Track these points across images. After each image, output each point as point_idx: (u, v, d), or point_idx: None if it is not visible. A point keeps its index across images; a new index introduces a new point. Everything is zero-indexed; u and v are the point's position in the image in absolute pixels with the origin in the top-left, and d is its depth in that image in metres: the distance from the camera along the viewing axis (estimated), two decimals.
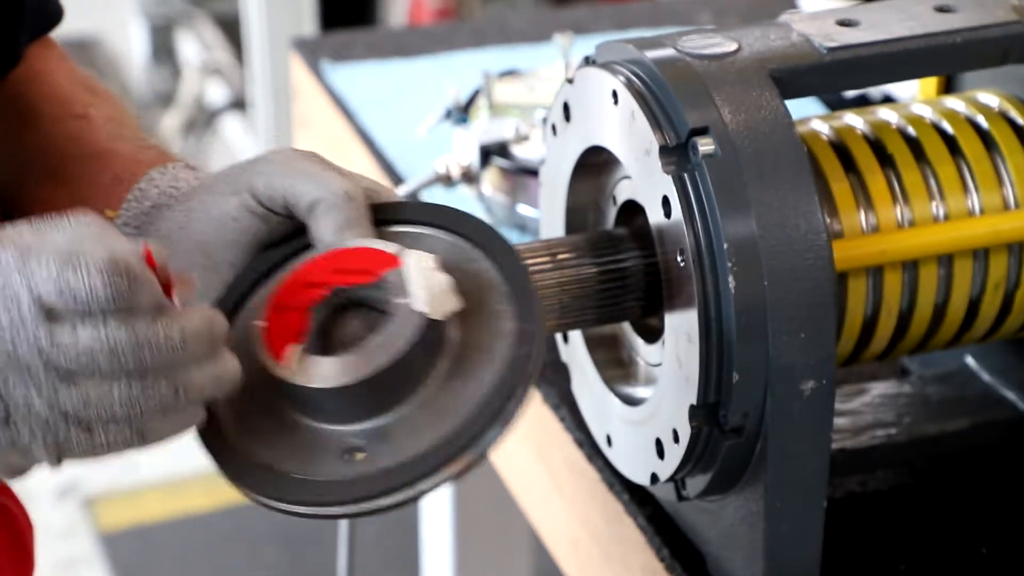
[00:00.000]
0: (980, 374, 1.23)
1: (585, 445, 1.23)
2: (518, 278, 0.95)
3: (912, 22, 1.08)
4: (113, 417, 0.87)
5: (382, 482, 0.90)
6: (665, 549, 1.14)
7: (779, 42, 1.06)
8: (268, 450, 0.93)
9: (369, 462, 0.91)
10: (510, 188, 1.48)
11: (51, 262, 0.85)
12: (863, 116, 1.12)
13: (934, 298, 1.10)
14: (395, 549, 2.87)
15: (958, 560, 1.14)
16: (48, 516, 3.01)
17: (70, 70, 1.18)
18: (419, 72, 1.81)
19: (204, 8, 4.18)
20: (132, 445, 0.89)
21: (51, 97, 1.15)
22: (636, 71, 1.05)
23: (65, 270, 0.85)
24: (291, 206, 0.98)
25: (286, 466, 0.92)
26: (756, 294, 0.99)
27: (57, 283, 0.85)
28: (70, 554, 2.95)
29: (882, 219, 1.08)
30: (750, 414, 1.01)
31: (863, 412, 1.20)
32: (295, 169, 0.98)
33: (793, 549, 1.05)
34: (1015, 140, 1.11)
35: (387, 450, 0.91)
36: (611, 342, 1.16)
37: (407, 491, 0.90)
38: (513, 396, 0.91)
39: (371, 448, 0.92)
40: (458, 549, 1.86)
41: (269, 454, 0.93)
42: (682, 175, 1.00)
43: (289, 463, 0.93)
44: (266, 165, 0.99)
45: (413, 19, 3.81)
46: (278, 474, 0.92)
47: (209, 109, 3.99)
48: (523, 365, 0.91)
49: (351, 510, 0.91)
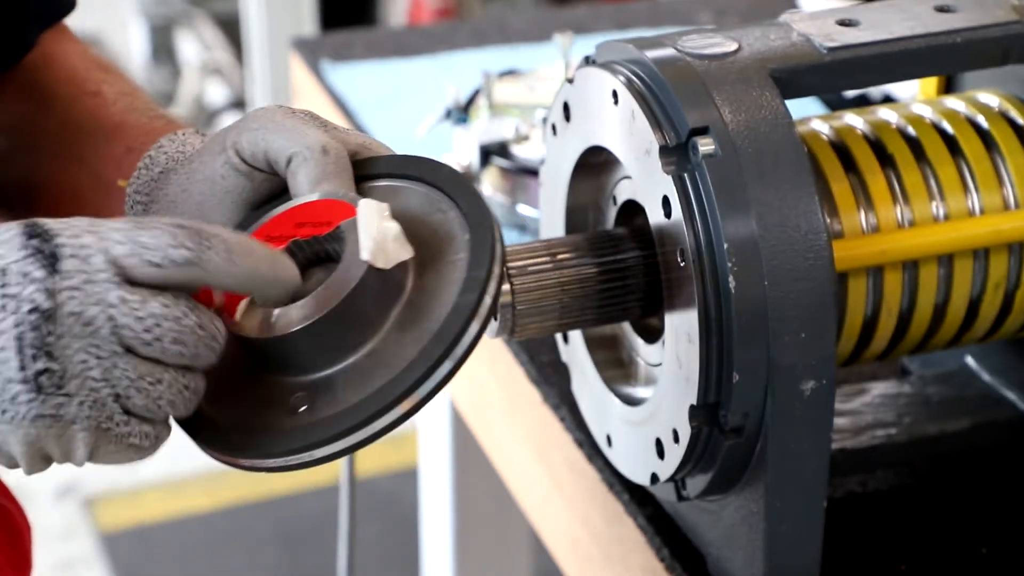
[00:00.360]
0: (980, 374, 1.23)
1: (585, 445, 1.23)
2: (480, 227, 0.93)
3: (912, 22, 1.08)
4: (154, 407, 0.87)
5: (313, 434, 0.89)
6: (665, 549, 1.14)
7: (779, 42, 1.06)
8: (229, 404, 0.93)
9: (310, 413, 0.91)
10: (510, 188, 1.48)
11: (122, 224, 0.86)
12: (863, 116, 1.12)
13: (934, 298, 1.10)
14: (395, 549, 2.87)
15: (958, 560, 1.14)
16: (48, 516, 3.01)
17: (83, 51, 1.19)
18: (419, 72, 1.81)
19: (204, 8, 4.19)
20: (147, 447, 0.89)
21: (65, 79, 1.16)
22: (636, 71, 1.05)
23: (136, 229, 0.86)
24: (272, 161, 0.97)
25: (240, 420, 0.92)
26: (756, 294, 0.99)
27: (129, 239, 0.86)
28: (70, 554, 2.95)
29: (882, 219, 1.08)
30: (750, 414, 1.01)
31: (863, 412, 1.20)
32: (276, 125, 0.97)
33: (793, 549, 1.05)
34: (1015, 140, 1.11)
35: (329, 401, 0.91)
36: (611, 342, 1.16)
37: (337, 444, 0.90)
38: (453, 343, 0.89)
39: (316, 399, 0.91)
40: (458, 549, 1.86)
41: (229, 408, 0.93)
42: (682, 175, 1.00)
43: (244, 417, 0.92)
44: (250, 122, 0.98)
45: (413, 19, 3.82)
46: (231, 428, 0.92)
47: (209, 109, 3.99)
48: (465, 313, 0.90)
49: (284, 463, 0.90)
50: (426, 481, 1.89)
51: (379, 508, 2.98)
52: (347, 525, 1.65)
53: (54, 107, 1.15)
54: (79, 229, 0.86)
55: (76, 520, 3.03)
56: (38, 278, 0.84)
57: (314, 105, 1.82)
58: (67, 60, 1.17)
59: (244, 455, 0.92)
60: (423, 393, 0.89)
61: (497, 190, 1.49)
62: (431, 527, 1.91)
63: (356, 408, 0.89)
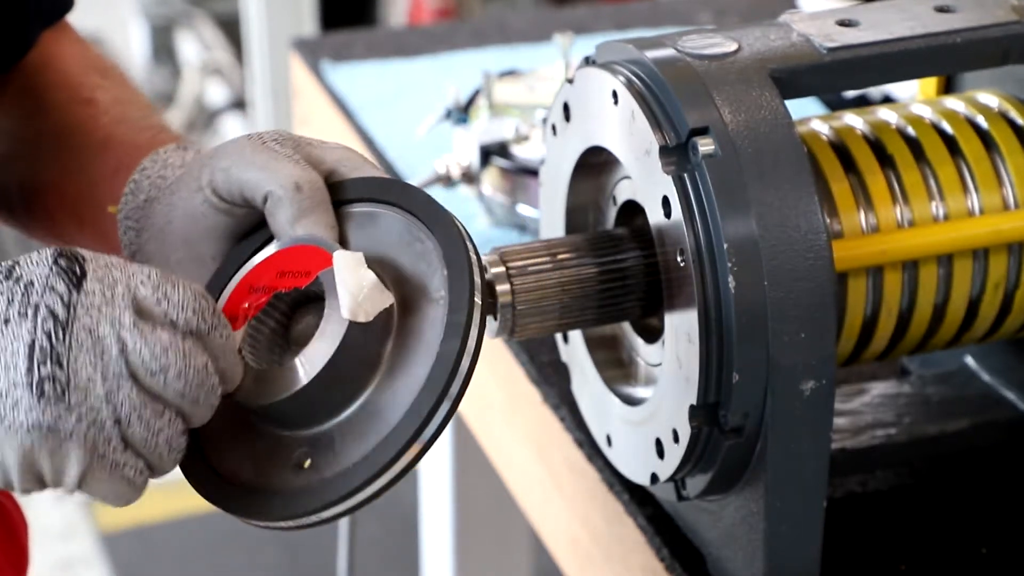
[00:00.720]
0: (980, 374, 1.23)
1: (585, 445, 1.23)
2: (456, 263, 0.93)
3: (912, 22, 1.08)
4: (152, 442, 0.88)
5: (321, 496, 0.91)
6: (665, 549, 1.14)
7: (779, 42, 1.06)
8: (232, 457, 0.94)
9: (314, 471, 0.92)
10: (510, 188, 1.48)
11: (153, 272, 0.89)
12: (863, 116, 1.12)
13: (934, 298, 1.10)
14: (395, 549, 2.87)
15: (958, 560, 1.14)
16: (48, 516, 3.01)
17: (81, 53, 1.19)
18: (419, 72, 1.81)
19: (204, 8, 4.19)
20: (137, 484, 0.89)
21: (59, 84, 1.16)
22: (636, 71, 1.05)
23: (164, 281, 0.88)
24: (249, 200, 0.98)
25: (249, 478, 0.93)
26: (756, 294, 0.99)
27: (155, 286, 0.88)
28: (70, 554, 2.95)
29: (882, 219, 1.08)
30: (750, 414, 1.01)
31: (863, 412, 1.20)
32: (248, 161, 0.97)
33: (793, 549, 1.05)
34: (1015, 140, 1.11)
35: (331, 459, 0.92)
36: (611, 342, 1.16)
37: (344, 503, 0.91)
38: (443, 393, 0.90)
39: (318, 456, 0.92)
40: (458, 549, 1.86)
41: (232, 461, 0.94)
42: (682, 175, 1.00)
43: (248, 472, 0.94)
44: (222, 159, 0.98)
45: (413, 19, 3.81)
46: (243, 488, 0.93)
47: (209, 109, 3.99)
48: (450, 362, 0.90)
49: (296, 524, 0.92)
50: (426, 481, 1.89)
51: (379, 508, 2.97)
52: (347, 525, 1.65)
53: (49, 114, 1.15)
54: (110, 263, 0.88)
55: (76, 520, 3.03)
56: (60, 291, 0.86)
57: (314, 105, 1.82)
58: (63, 64, 1.17)
59: (259, 518, 0.93)
60: (422, 443, 0.90)
61: (497, 190, 1.49)
62: (431, 527, 1.91)
63: (357, 468, 0.90)
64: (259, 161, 0.97)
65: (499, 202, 1.49)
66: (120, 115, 1.13)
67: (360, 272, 0.92)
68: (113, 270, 0.88)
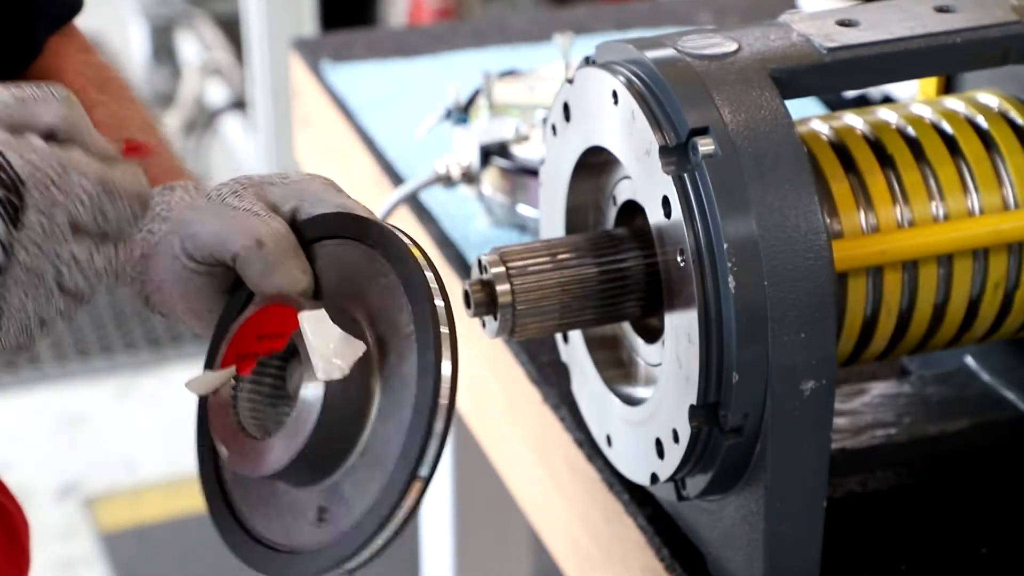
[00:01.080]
0: (980, 374, 1.23)
1: (585, 445, 1.23)
2: (416, 295, 0.93)
3: (912, 22, 1.08)
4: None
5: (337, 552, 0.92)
6: (665, 549, 1.14)
7: (779, 42, 1.06)
8: (261, 518, 0.96)
9: (332, 524, 0.93)
10: (510, 188, 1.48)
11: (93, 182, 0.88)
12: (863, 116, 1.12)
13: (934, 298, 1.10)
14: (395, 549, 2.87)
15: (958, 560, 1.14)
16: (48, 516, 3.01)
17: (82, 65, 1.19)
18: (419, 72, 1.81)
19: (204, 8, 4.19)
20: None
21: None
22: (636, 71, 1.05)
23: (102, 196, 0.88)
24: (220, 261, 0.98)
25: (274, 535, 0.96)
26: (756, 294, 0.99)
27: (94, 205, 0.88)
28: (70, 554, 2.95)
29: (882, 219, 1.08)
30: (750, 414, 1.01)
31: (863, 412, 1.20)
32: (208, 220, 0.98)
33: (793, 549, 1.05)
34: (1015, 140, 1.11)
35: (344, 510, 0.93)
36: (611, 342, 1.16)
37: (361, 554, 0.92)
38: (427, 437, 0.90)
39: (333, 508, 0.93)
40: (458, 549, 1.86)
41: (262, 523, 0.96)
42: (682, 175, 1.00)
43: (277, 532, 0.96)
44: (188, 225, 0.99)
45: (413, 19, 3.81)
46: (267, 546, 0.96)
47: (209, 109, 3.99)
48: (427, 400, 0.91)
49: None
50: None
51: None
52: None
53: None
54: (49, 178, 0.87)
55: (76, 520, 3.03)
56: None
57: (314, 105, 1.82)
58: (62, 79, 1.17)
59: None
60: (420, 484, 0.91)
61: (497, 190, 1.49)
62: (431, 527, 1.91)
63: (366, 519, 0.91)
64: (220, 223, 0.97)
65: (499, 202, 1.49)
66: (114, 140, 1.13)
67: (326, 330, 0.92)
68: (52, 191, 0.86)
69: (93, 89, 1.17)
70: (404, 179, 1.58)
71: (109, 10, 4.38)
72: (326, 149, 1.79)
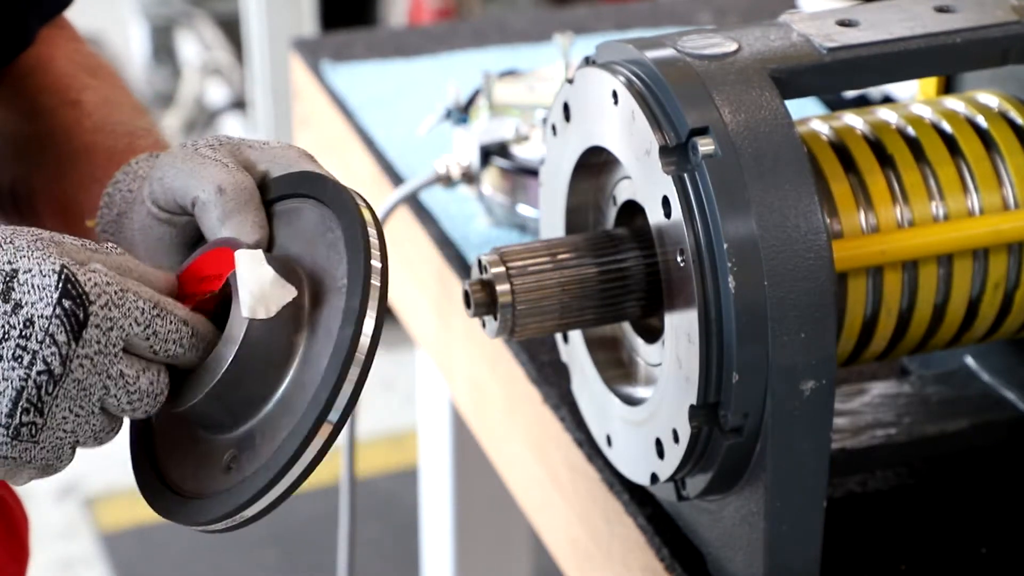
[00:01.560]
0: (980, 374, 1.23)
1: (585, 445, 1.23)
2: (354, 247, 0.93)
3: (912, 22, 1.08)
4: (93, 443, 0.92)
5: (239, 496, 0.91)
6: (665, 549, 1.14)
7: (779, 42, 1.06)
8: (176, 465, 0.96)
9: (238, 472, 0.93)
10: (510, 188, 1.48)
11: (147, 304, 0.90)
12: (863, 116, 1.12)
13: (934, 298, 1.10)
14: (395, 549, 2.87)
15: (958, 560, 1.14)
16: (48, 516, 3.01)
17: (73, 52, 1.20)
18: (419, 72, 1.81)
19: (204, 8, 4.19)
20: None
21: (49, 87, 1.17)
22: (636, 71, 1.05)
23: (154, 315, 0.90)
24: (182, 207, 0.99)
25: (188, 483, 0.95)
26: (756, 294, 0.99)
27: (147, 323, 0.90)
28: (70, 554, 2.95)
29: (882, 219, 1.08)
30: (750, 414, 1.01)
31: (863, 412, 1.20)
32: (177, 169, 0.98)
33: (793, 549, 1.05)
34: (1015, 140, 1.11)
35: (251, 456, 0.92)
36: (611, 342, 1.16)
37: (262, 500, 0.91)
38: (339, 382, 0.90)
39: (242, 455, 0.93)
40: (458, 549, 1.86)
41: (176, 469, 0.96)
42: (682, 175, 1.00)
43: (191, 480, 0.95)
44: (158, 169, 1.00)
45: (413, 19, 3.81)
46: (180, 493, 0.95)
47: (209, 109, 3.99)
48: (344, 347, 0.90)
49: (224, 525, 0.93)
50: (426, 481, 1.89)
51: (379, 508, 2.98)
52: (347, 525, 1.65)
53: (39, 118, 1.16)
54: (111, 301, 0.88)
55: (76, 520, 3.03)
56: (60, 342, 0.87)
57: (314, 105, 1.82)
58: (54, 64, 1.18)
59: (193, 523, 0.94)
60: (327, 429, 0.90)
61: (497, 190, 1.49)
62: (431, 527, 1.91)
63: (269, 463, 0.91)
64: (187, 167, 0.98)
65: (499, 202, 1.49)
66: (103, 119, 1.14)
67: (259, 269, 0.92)
68: (113, 310, 0.88)
69: (84, 74, 1.18)
70: (404, 179, 1.58)
71: (109, 10, 4.38)
72: (326, 149, 1.79)
